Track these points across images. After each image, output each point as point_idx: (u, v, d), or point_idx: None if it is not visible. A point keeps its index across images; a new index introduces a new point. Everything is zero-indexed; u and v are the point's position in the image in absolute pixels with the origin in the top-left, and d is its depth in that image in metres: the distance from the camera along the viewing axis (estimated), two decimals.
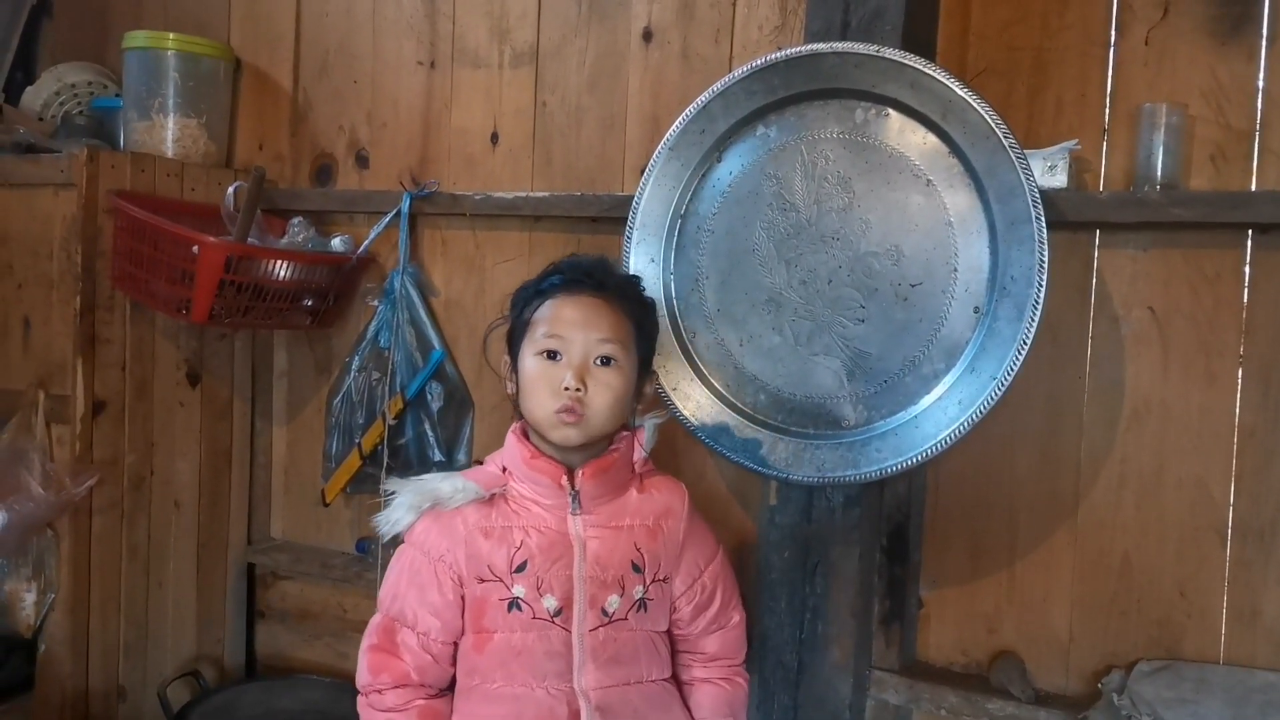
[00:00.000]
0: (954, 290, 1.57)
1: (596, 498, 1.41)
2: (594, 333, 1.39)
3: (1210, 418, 1.64)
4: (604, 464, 1.41)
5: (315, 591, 2.43)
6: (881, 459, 1.59)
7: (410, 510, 1.41)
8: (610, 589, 1.39)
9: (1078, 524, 1.74)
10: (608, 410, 1.39)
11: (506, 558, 1.37)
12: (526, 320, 1.44)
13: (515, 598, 1.36)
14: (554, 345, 1.39)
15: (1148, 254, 1.67)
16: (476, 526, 1.38)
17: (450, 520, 1.39)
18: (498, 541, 1.38)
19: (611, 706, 1.37)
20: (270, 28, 2.42)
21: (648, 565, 1.42)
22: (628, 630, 1.40)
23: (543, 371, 1.39)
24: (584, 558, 1.38)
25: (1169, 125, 1.60)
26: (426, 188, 2.18)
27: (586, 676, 1.37)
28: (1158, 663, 1.64)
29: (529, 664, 1.36)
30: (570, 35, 2.11)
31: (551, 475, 1.39)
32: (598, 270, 1.47)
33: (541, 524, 1.39)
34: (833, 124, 1.64)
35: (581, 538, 1.39)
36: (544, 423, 1.39)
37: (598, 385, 1.38)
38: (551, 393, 1.37)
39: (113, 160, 2.09)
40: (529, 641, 1.36)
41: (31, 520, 2.02)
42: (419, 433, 2.20)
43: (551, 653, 1.36)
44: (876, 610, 1.82)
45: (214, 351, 2.35)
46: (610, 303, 1.42)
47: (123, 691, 2.19)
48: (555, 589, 1.36)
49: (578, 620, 1.37)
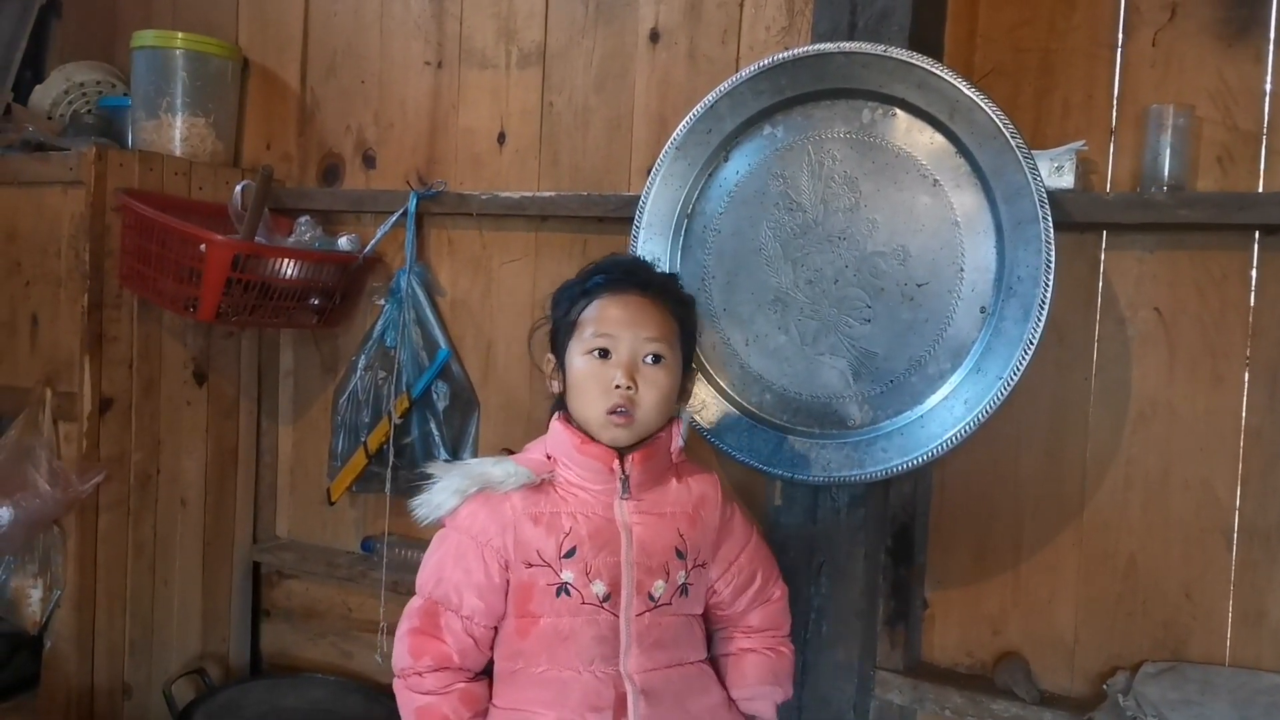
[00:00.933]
0: (960, 290, 1.57)
1: (643, 484, 1.43)
2: (642, 331, 1.41)
3: (1216, 419, 1.64)
4: (650, 451, 1.43)
5: (320, 590, 2.43)
6: (887, 459, 1.59)
7: (455, 494, 1.41)
8: (656, 574, 1.41)
9: (1083, 525, 1.73)
10: (656, 408, 1.41)
11: (555, 544, 1.38)
12: (573, 320, 1.45)
13: (564, 583, 1.38)
14: (604, 344, 1.41)
15: (1154, 255, 1.67)
16: (525, 512, 1.39)
17: (498, 505, 1.40)
18: (547, 528, 1.39)
19: (655, 689, 1.39)
20: (278, 28, 2.43)
21: (689, 551, 1.44)
22: (670, 614, 1.42)
23: (593, 371, 1.41)
24: (630, 544, 1.40)
25: (1176, 127, 1.60)
26: (433, 187, 2.18)
27: (631, 660, 1.39)
28: (1163, 664, 1.64)
29: (576, 648, 1.37)
30: (577, 36, 2.11)
31: (603, 460, 1.41)
32: (640, 269, 1.51)
33: (589, 510, 1.41)
34: (840, 124, 1.65)
35: (628, 524, 1.41)
36: (594, 422, 1.41)
37: (647, 384, 1.40)
38: (602, 391, 1.39)
39: (121, 159, 2.10)
40: (577, 626, 1.38)
41: (38, 517, 2.02)
42: (425, 432, 2.20)
43: (599, 637, 1.38)
44: (881, 611, 1.82)
45: (221, 350, 2.35)
46: (655, 301, 1.44)
47: (128, 689, 2.19)
48: (603, 574, 1.38)
49: (625, 605, 1.39)
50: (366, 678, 2.34)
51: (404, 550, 2.26)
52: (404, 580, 2.22)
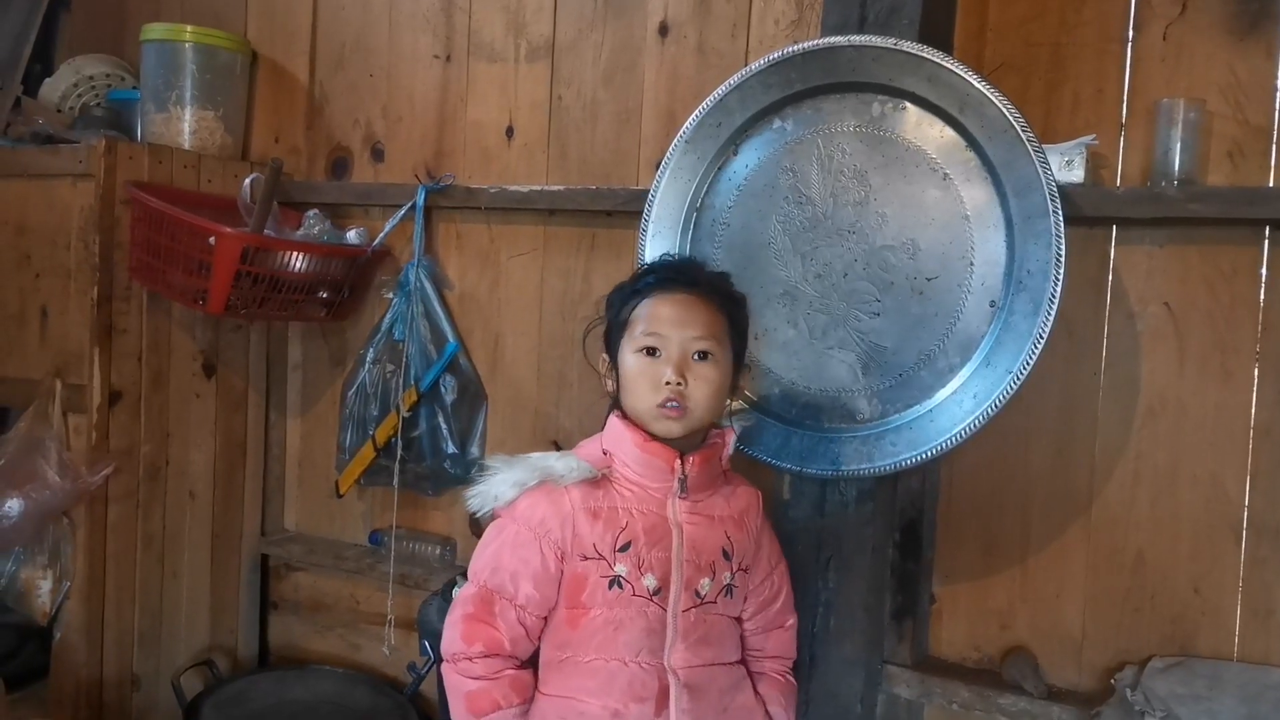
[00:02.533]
0: (970, 284, 1.57)
1: (699, 485, 1.47)
2: (690, 330, 1.43)
3: (1226, 415, 1.64)
4: (708, 454, 1.47)
5: (328, 583, 2.44)
6: (896, 453, 1.59)
7: (514, 486, 1.44)
8: (704, 573, 1.45)
9: (1091, 520, 1.73)
10: (707, 402, 1.44)
11: (612, 537, 1.42)
12: (624, 320, 1.48)
13: (617, 575, 1.41)
14: (653, 343, 1.44)
15: (1164, 250, 1.67)
16: (583, 506, 1.42)
17: (558, 498, 1.42)
18: (605, 522, 1.42)
19: (698, 684, 1.44)
20: (287, 21, 2.43)
21: (735, 554, 1.49)
22: (715, 613, 1.47)
23: (643, 368, 1.44)
24: (682, 541, 1.44)
25: (1186, 121, 1.60)
26: (442, 181, 2.18)
27: (676, 654, 1.43)
28: (1171, 659, 1.64)
29: (626, 639, 1.41)
30: (586, 29, 2.11)
31: (665, 458, 1.44)
32: (690, 268, 1.55)
33: (645, 506, 1.44)
34: (849, 117, 1.65)
35: (680, 522, 1.44)
36: (646, 415, 1.44)
37: (696, 380, 1.43)
38: (652, 388, 1.42)
39: (130, 152, 2.10)
40: (627, 618, 1.41)
41: (48, 509, 2.03)
42: (433, 425, 2.21)
43: (649, 629, 1.41)
44: (889, 605, 1.82)
45: (229, 343, 2.36)
46: (704, 299, 1.47)
47: (137, 680, 2.20)
48: (655, 569, 1.42)
49: (674, 600, 1.42)
50: (374, 670, 2.35)
51: (411, 543, 2.27)
52: (411, 573, 2.23)
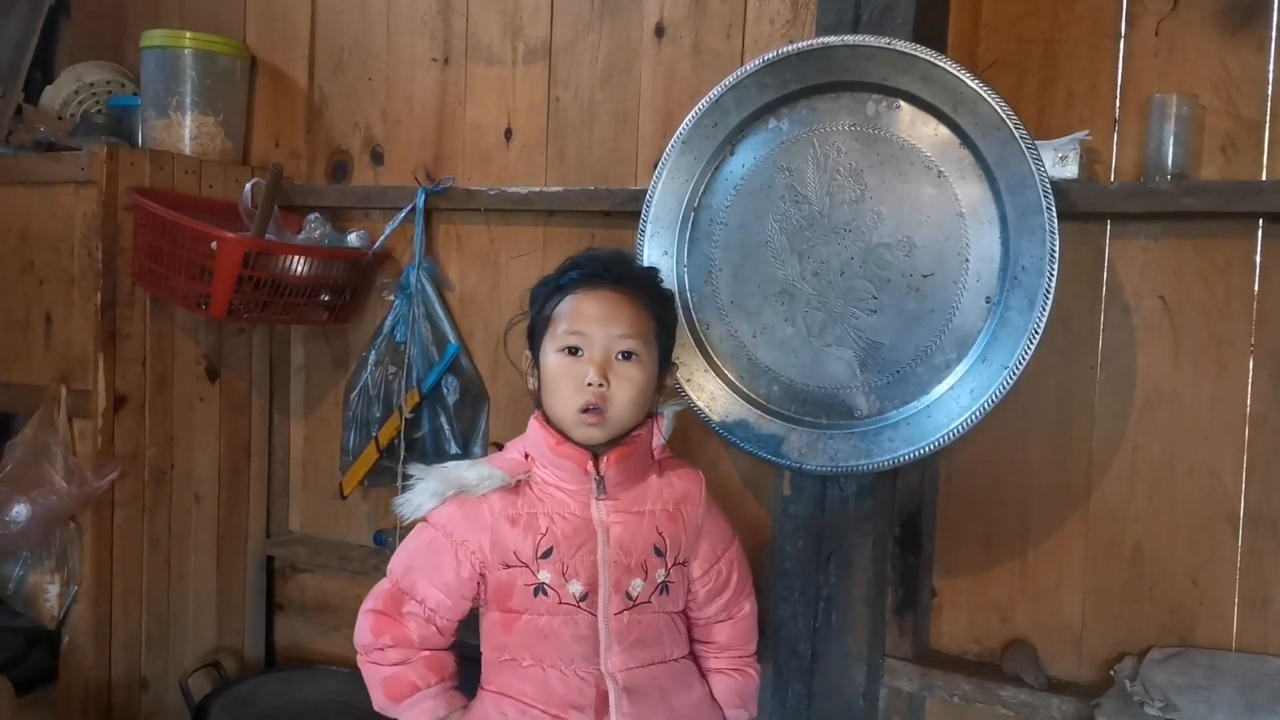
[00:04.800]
0: (966, 281, 1.58)
1: (619, 483, 1.42)
2: (614, 328, 1.39)
3: (1222, 407, 1.65)
4: (627, 451, 1.42)
5: (333, 584, 2.45)
6: (894, 448, 1.61)
7: (434, 496, 1.41)
8: (634, 573, 1.40)
9: (1089, 513, 1.75)
10: (630, 406, 1.40)
11: (532, 544, 1.38)
12: (547, 316, 1.44)
13: (541, 583, 1.38)
14: (575, 341, 1.40)
15: (1159, 244, 1.68)
16: (503, 514, 1.39)
17: (476, 507, 1.40)
18: (524, 529, 1.39)
19: (638, 686, 1.40)
20: (285, 26, 2.44)
21: (669, 549, 1.44)
22: (651, 612, 1.42)
23: (565, 368, 1.40)
24: (608, 543, 1.39)
25: (1179, 116, 1.61)
26: (441, 183, 2.20)
27: (613, 659, 1.39)
28: (1170, 650, 1.65)
29: (556, 647, 1.38)
30: (583, 31, 2.13)
31: (577, 461, 1.40)
32: (616, 264, 1.48)
33: (565, 510, 1.40)
34: (844, 116, 1.66)
35: (605, 523, 1.40)
36: (567, 420, 1.41)
37: (620, 380, 1.39)
38: (574, 389, 1.39)
39: (132, 158, 2.12)
40: (555, 625, 1.38)
41: (55, 513, 2.05)
42: (435, 426, 2.22)
43: (578, 636, 1.38)
44: (890, 599, 1.84)
45: (232, 347, 2.37)
46: (630, 297, 1.43)
47: (145, 682, 2.22)
48: (580, 574, 1.38)
49: (603, 604, 1.39)
50: None
51: None
52: None
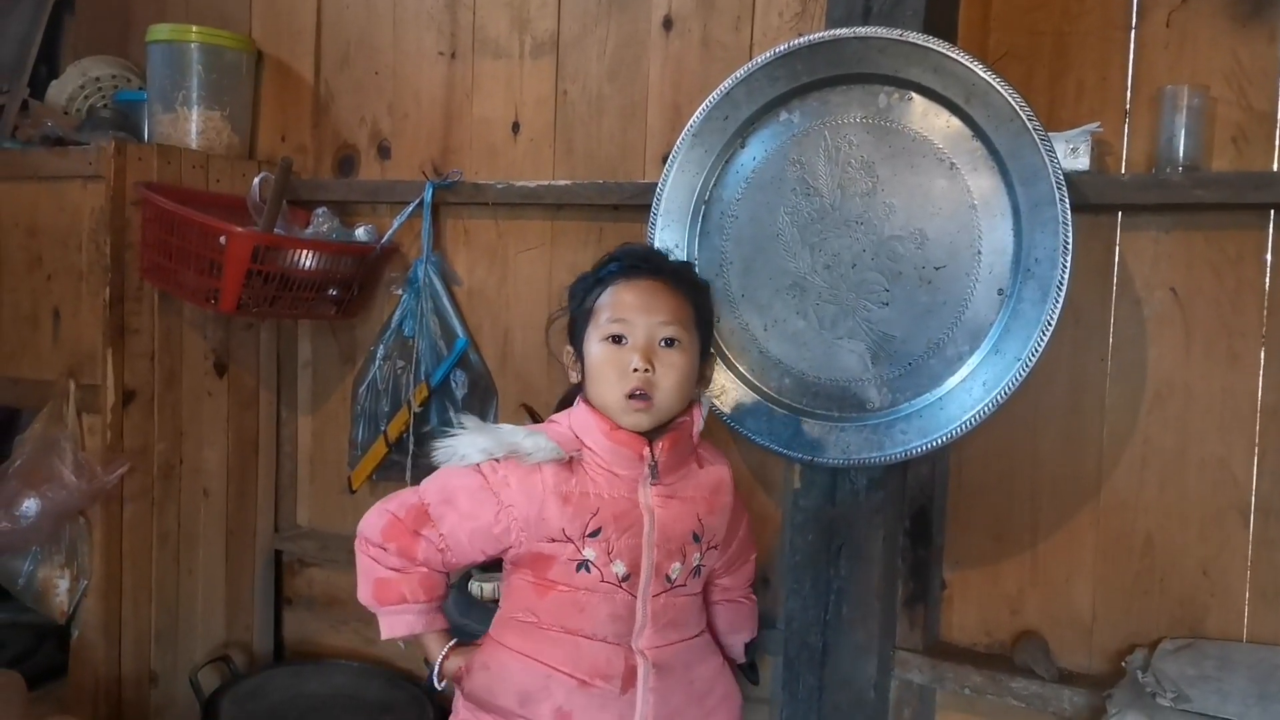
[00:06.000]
0: (978, 273, 1.58)
1: (669, 469, 1.45)
2: (656, 315, 1.42)
3: (1232, 398, 1.65)
4: (676, 437, 1.45)
5: (342, 578, 2.45)
6: (906, 441, 1.61)
7: (481, 452, 1.41)
8: (674, 557, 1.43)
9: (1100, 505, 1.75)
10: (674, 391, 1.42)
11: (582, 523, 1.40)
12: (589, 309, 1.46)
13: (585, 560, 1.40)
14: (619, 330, 1.42)
15: (1170, 236, 1.68)
16: (555, 490, 1.39)
17: (529, 476, 1.40)
18: (575, 507, 1.40)
19: (665, 662, 1.43)
20: (291, 20, 2.44)
21: (705, 534, 1.47)
22: (684, 595, 1.46)
23: (609, 356, 1.42)
24: (653, 527, 1.42)
25: (1190, 107, 1.61)
26: (449, 177, 2.20)
27: (645, 638, 1.42)
28: (1181, 641, 1.65)
29: (590, 622, 1.40)
30: (590, 24, 2.12)
31: (633, 447, 1.42)
32: (654, 256, 1.53)
33: (616, 492, 1.42)
34: (856, 109, 1.66)
35: (651, 507, 1.43)
36: (613, 407, 1.42)
37: (664, 366, 1.41)
38: (619, 376, 1.40)
39: (139, 153, 2.12)
40: (593, 601, 1.40)
41: (64, 508, 2.05)
42: (444, 420, 2.22)
43: (615, 615, 1.41)
44: (900, 592, 1.84)
45: (240, 342, 2.37)
46: (669, 285, 1.45)
47: (154, 677, 2.22)
48: (624, 556, 1.40)
49: (644, 586, 1.41)
50: (389, 663, 2.36)
51: None
52: None
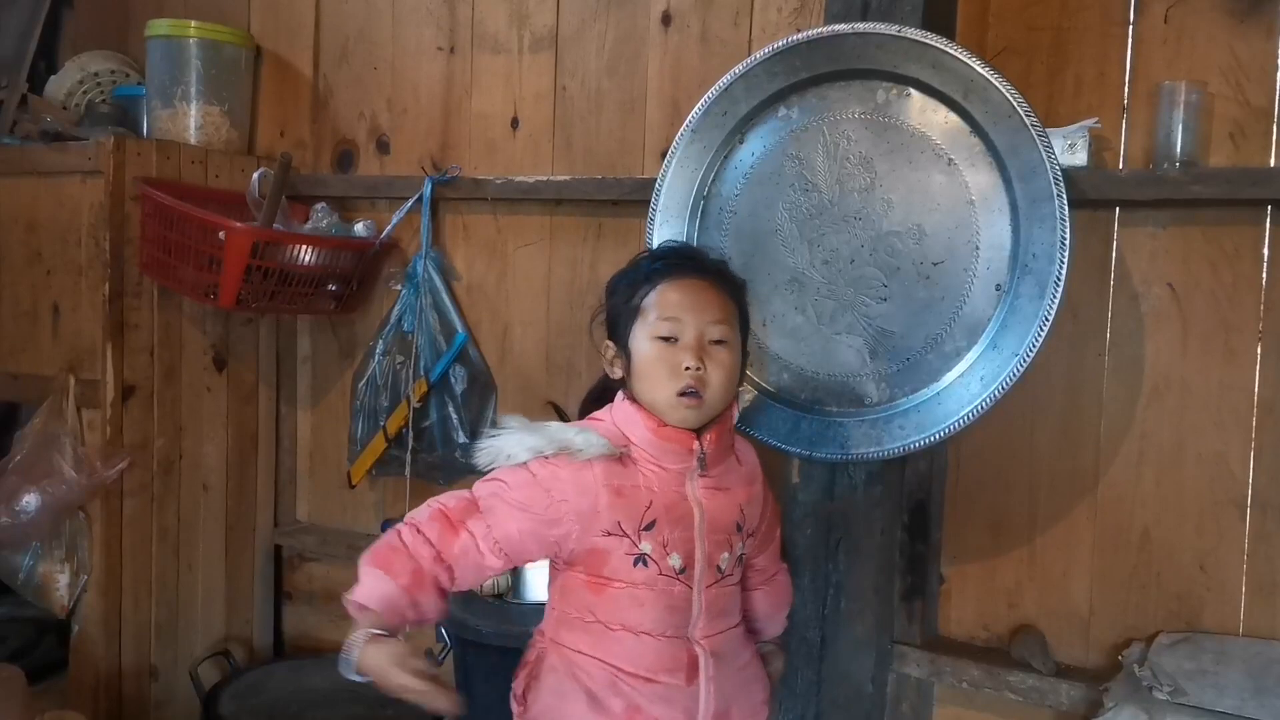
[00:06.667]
0: (976, 268, 1.58)
1: (715, 461, 1.46)
2: (706, 314, 1.42)
3: (1230, 393, 1.66)
4: (720, 429, 1.46)
5: (342, 573, 2.45)
6: (904, 436, 1.61)
7: (529, 451, 1.39)
8: (723, 548, 1.45)
9: (1098, 499, 1.75)
10: (723, 388, 1.43)
11: (636, 516, 1.40)
12: (636, 306, 1.45)
13: (643, 553, 1.40)
14: (670, 329, 1.42)
15: (1167, 231, 1.69)
16: (606, 484, 1.39)
17: (580, 472, 1.39)
18: (628, 500, 1.40)
19: (720, 651, 1.45)
20: (290, 15, 2.44)
21: (746, 523, 1.49)
22: (730, 584, 1.48)
23: (661, 354, 1.41)
24: (703, 519, 1.43)
25: (1188, 103, 1.61)
26: (448, 173, 2.20)
27: (699, 628, 1.43)
28: (1178, 635, 1.66)
29: (648, 616, 1.40)
30: (589, 19, 2.12)
31: (682, 443, 1.42)
32: (697, 254, 1.52)
33: (665, 485, 1.42)
34: (854, 104, 1.66)
35: (699, 500, 1.44)
36: (663, 404, 1.42)
37: (714, 364, 1.41)
38: (671, 374, 1.40)
39: (139, 148, 2.12)
40: (651, 596, 1.40)
41: (64, 503, 2.05)
42: (443, 415, 2.23)
43: (673, 607, 1.41)
44: (898, 586, 1.85)
45: (239, 337, 2.38)
46: (715, 284, 1.46)
47: (155, 671, 2.23)
48: (679, 548, 1.41)
49: (699, 578, 1.43)
50: None
51: None
52: None
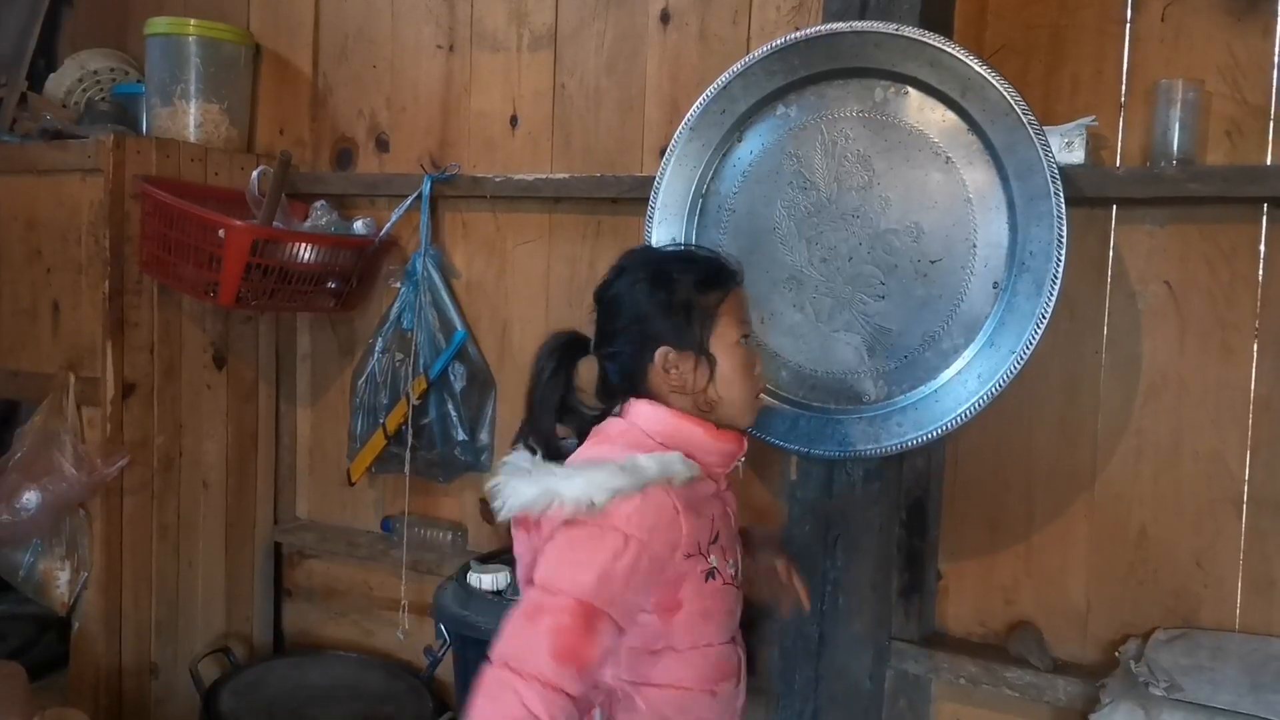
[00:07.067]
0: (973, 266, 1.59)
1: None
2: (752, 321, 1.50)
3: (1226, 391, 1.66)
4: None
5: (341, 570, 2.47)
6: (902, 433, 1.62)
7: (607, 492, 1.27)
8: (737, 540, 1.49)
9: (1095, 496, 1.76)
10: None
11: (707, 532, 1.39)
12: (712, 313, 1.41)
13: (712, 567, 1.39)
14: (747, 331, 1.44)
15: (1164, 229, 1.69)
16: (686, 506, 1.34)
17: (661, 499, 1.31)
18: (702, 518, 1.38)
19: None
20: (289, 13, 2.44)
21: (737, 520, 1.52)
22: None
23: (746, 360, 1.43)
24: (733, 519, 1.47)
25: (1185, 101, 1.62)
26: (447, 171, 2.20)
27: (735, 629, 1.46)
28: (1174, 631, 1.67)
29: (716, 626, 1.41)
30: (588, 18, 2.13)
31: (737, 443, 1.43)
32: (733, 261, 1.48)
33: (713, 494, 1.43)
34: (852, 103, 1.66)
35: (728, 501, 1.47)
36: (746, 406, 1.43)
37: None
38: (753, 376, 1.43)
39: (138, 146, 2.12)
40: (715, 606, 1.40)
41: (64, 501, 2.06)
42: (443, 412, 2.23)
43: (730, 611, 1.43)
44: (896, 583, 1.85)
45: (239, 335, 2.38)
46: None
47: (155, 668, 2.24)
48: (731, 554, 1.43)
49: (740, 578, 1.46)
50: (388, 654, 2.38)
51: (423, 529, 2.30)
52: (423, 559, 2.26)
